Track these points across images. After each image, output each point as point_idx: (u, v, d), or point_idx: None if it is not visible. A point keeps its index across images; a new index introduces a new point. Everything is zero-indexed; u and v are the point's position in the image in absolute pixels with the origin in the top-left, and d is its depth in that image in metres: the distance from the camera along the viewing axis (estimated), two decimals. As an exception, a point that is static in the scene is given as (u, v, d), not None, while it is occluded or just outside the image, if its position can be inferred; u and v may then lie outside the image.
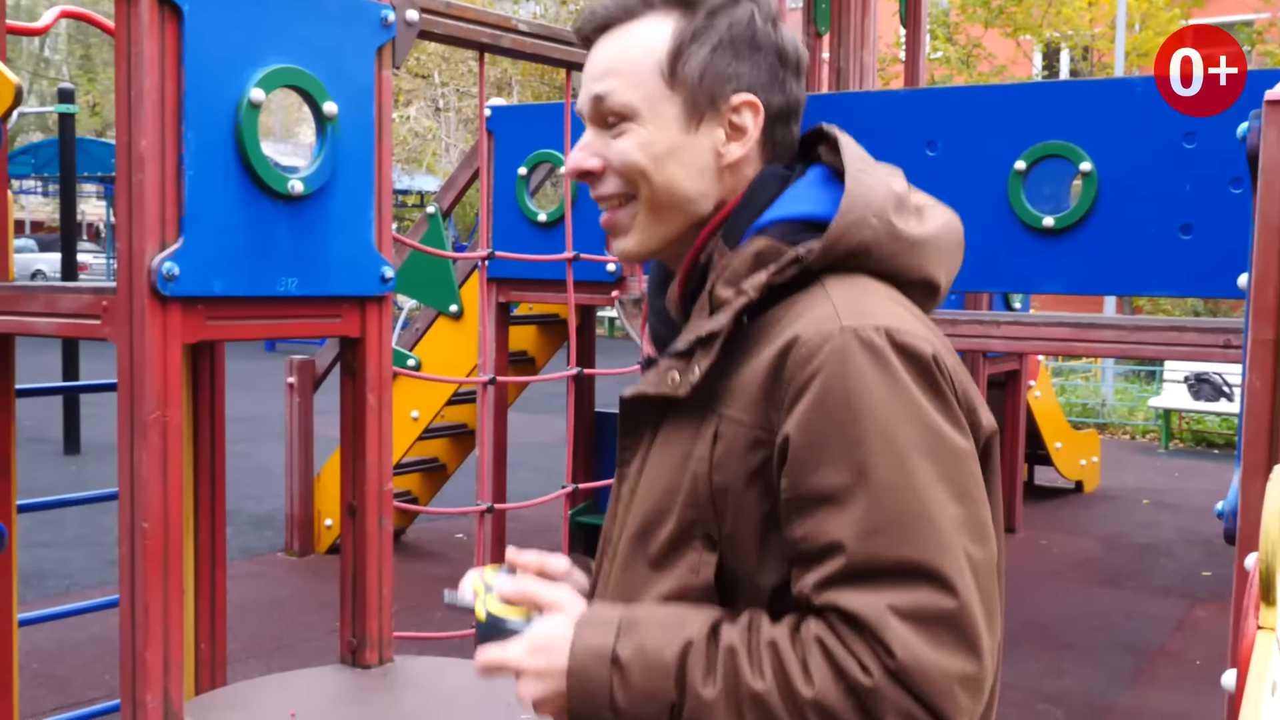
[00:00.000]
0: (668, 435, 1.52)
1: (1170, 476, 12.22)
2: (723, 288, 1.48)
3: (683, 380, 1.47)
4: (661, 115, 1.54)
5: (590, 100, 1.57)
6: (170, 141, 2.94)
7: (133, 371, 2.94)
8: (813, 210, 1.51)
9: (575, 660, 1.42)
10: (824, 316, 1.40)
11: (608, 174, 1.56)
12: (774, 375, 1.40)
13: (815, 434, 1.35)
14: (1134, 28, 21.79)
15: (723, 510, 1.44)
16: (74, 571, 7.54)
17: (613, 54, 1.56)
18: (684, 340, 1.48)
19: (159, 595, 2.94)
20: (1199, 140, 4.54)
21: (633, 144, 1.54)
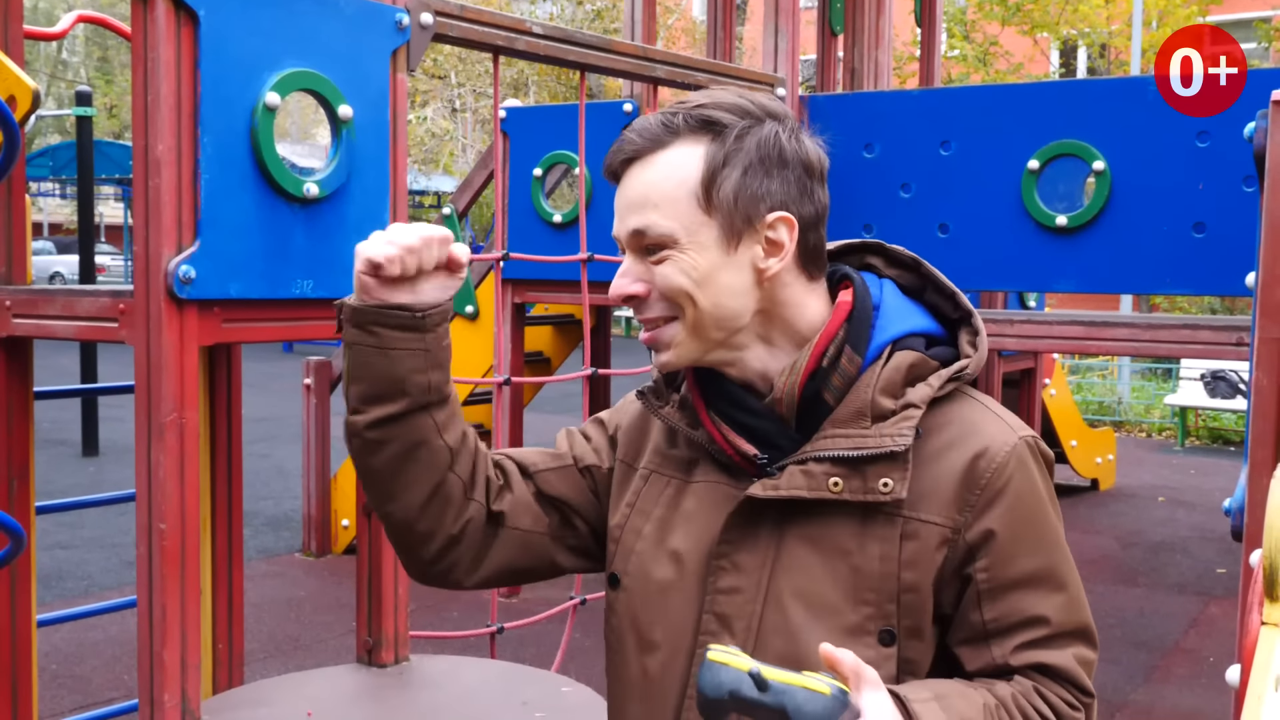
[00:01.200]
0: (811, 534, 1.60)
1: (1186, 474, 12.19)
2: (884, 398, 1.59)
3: (849, 489, 1.56)
4: (701, 241, 1.60)
5: (629, 233, 1.62)
6: (186, 145, 2.97)
7: (150, 374, 2.97)
8: (926, 327, 1.68)
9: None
10: (997, 428, 1.62)
11: (652, 298, 1.62)
12: (966, 481, 1.58)
13: (1014, 530, 1.58)
14: (1151, 25, 21.71)
15: (909, 606, 1.57)
16: (92, 573, 7.59)
17: (646, 185, 1.61)
18: (847, 448, 1.57)
19: (176, 596, 2.97)
20: (1212, 139, 4.54)
21: (676, 270, 1.60)
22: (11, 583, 3.52)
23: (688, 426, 1.71)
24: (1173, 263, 4.67)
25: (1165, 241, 4.67)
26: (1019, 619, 1.58)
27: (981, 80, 22.66)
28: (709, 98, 1.64)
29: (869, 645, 1.55)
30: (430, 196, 28.22)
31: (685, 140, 1.61)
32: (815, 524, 1.59)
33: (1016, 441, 1.60)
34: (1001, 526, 1.57)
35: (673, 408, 1.75)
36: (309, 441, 8.06)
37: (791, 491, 1.58)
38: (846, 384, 1.61)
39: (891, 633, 1.56)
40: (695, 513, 1.69)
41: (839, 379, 1.61)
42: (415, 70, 3.56)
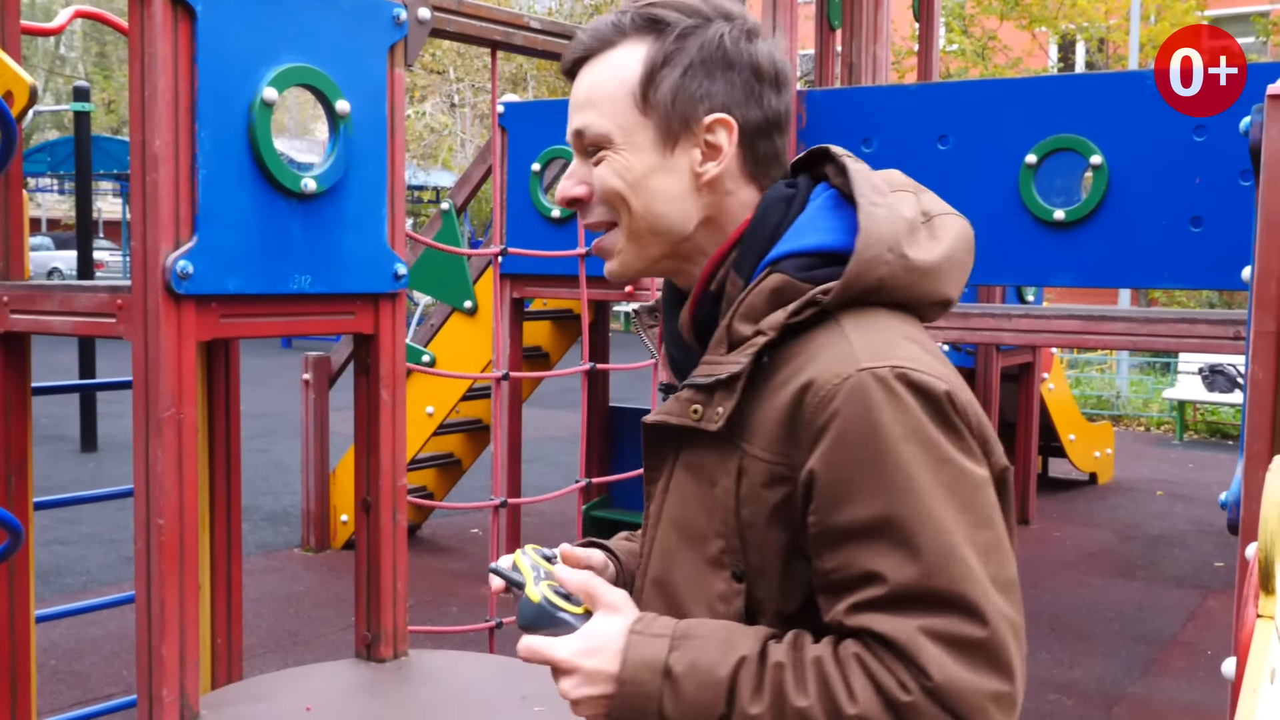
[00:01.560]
0: (691, 462, 1.55)
1: (1184, 468, 12.20)
2: (741, 323, 1.50)
3: (704, 417, 1.51)
4: (635, 141, 1.57)
5: (572, 134, 1.61)
6: (184, 141, 2.97)
7: (148, 369, 2.97)
8: (827, 242, 1.51)
9: (628, 668, 1.45)
10: (841, 357, 1.42)
11: (594, 201, 1.60)
12: (793, 414, 1.43)
13: (840, 471, 1.39)
14: (1149, 19, 21.72)
15: (750, 543, 1.48)
16: (91, 568, 7.59)
17: (589, 85, 1.59)
18: (703, 375, 1.51)
19: (175, 591, 2.97)
20: (1209, 133, 4.55)
21: (609, 171, 1.57)
22: (10, 578, 3.52)
23: (658, 347, 1.73)
24: (1170, 257, 4.67)
25: (1162, 235, 4.68)
26: (853, 573, 1.38)
27: (980, 75, 22.67)
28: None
29: (723, 578, 1.50)
30: (429, 192, 28.20)
31: (631, 40, 1.57)
32: (693, 451, 1.55)
33: (853, 373, 1.40)
34: (824, 467, 1.40)
35: (659, 328, 1.75)
36: (308, 437, 8.06)
37: (663, 417, 1.56)
38: (728, 309, 1.54)
39: (741, 571, 1.49)
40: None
41: (725, 303, 1.55)
42: (413, 65, 3.57)
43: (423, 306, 16.69)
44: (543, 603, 1.53)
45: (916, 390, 1.40)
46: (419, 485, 8.49)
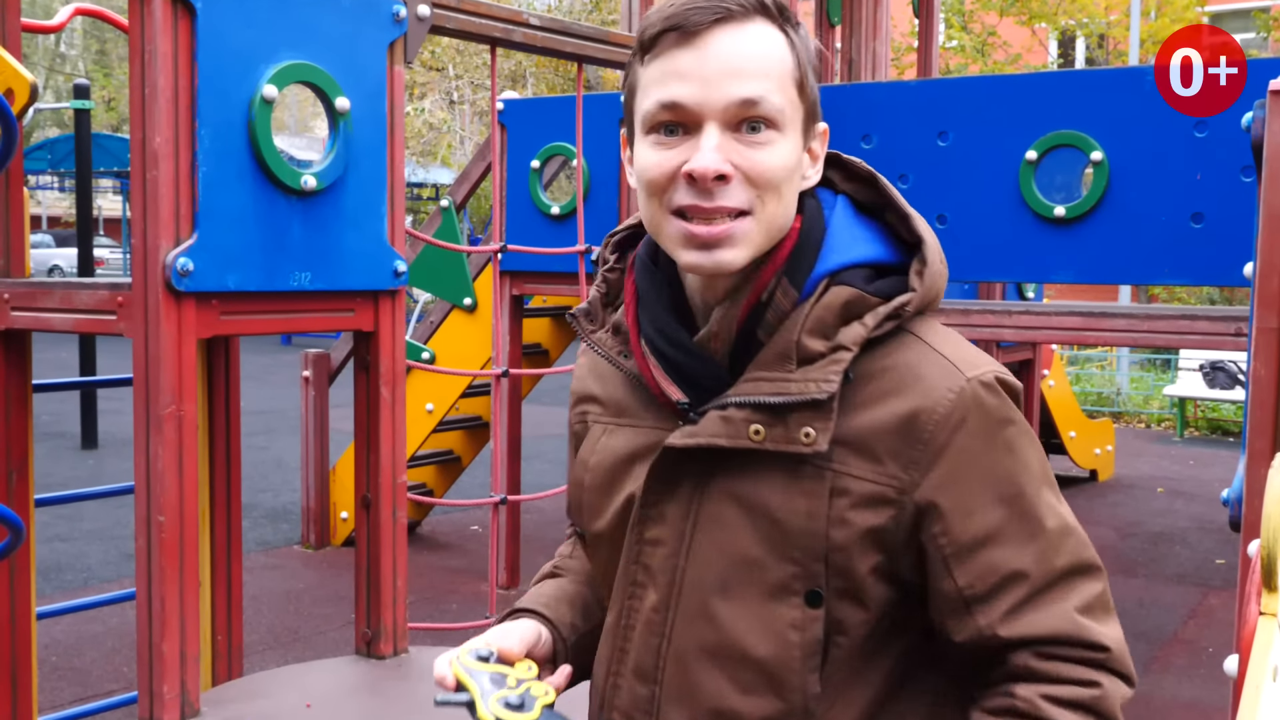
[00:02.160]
0: (737, 488, 1.48)
1: (1185, 464, 12.19)
2: (811, 339, 1.45)
3: (772, 438, 1.44)
4: (795, 129, 1.47)
5: (737, 101, 1.42)
6: (184, 138, 2.97)
7: (148, 366, 2.97)
8: (875, 254, 1.51)
9: None
10: (946, 372, 1.45)
11: (734, 183, 1.43)
12: (905, 435, 1.42)
13: (969, 483, 1.43)
14: (1149, 15, 21.70)
15: (835, 566, 1.44)
16: (92, 565, 7.59)
17: (751, 54, 1.44)
18: (771, 393, 1.44)
19: (175, 588, 2.97)
20: (1210, 129, 4.54)
21: (781, 154, 1.44)
22: (11, 575, 3.52)
23: (619, 355, 1.58)
24: (1171, 253, 4.67)
25: (1163, 232, 4.67)
26: (995, 579, 1.42)
27: (980, 71, 22.66)
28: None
29: (794, 605, 1.45)
30: (428, 189, 28.20)
31: (764, 19, 1.46)
32: (739, 475, 1.47)
33: (964, 385, 1.43)
34: (953, 483, 1.42)
35: (606, 332, 1.61)
36: (307, 434, 8.06)
37: (709, 440, 1.46)
38: (779, 321, 1.46)
39: (818, 593, 1.44)
40: (627, 458, 1.58)
41: (773, 315, 1.47)
42: (413, 62, 3.57)
43: (422, 303, 16.69)
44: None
45: (1010, 390, 1.47)
46: (419, 482, 8.49)
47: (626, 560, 1.56)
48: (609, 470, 1.60)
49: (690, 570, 1.50)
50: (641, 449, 1.56)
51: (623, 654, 1.56)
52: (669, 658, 1.51)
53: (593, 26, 4.48)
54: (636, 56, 1.50)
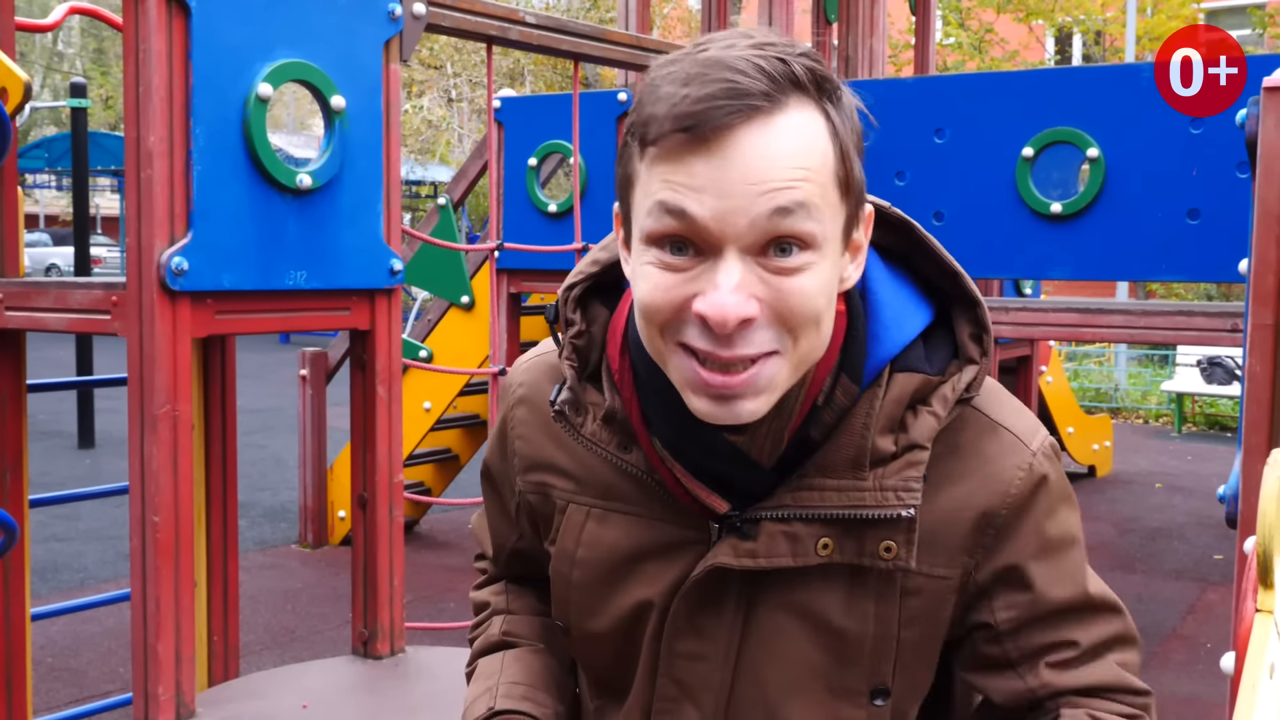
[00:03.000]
0: (795, 598, 1.35)
1: (1183, 460, 12.20)
2: (885, 439, 1.29)
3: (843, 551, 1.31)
4: (834, 242, 1.22)
5: (765, 221, 1.16)
6: (178, 137, 2.97)
7: (143, 366, 2.97)
8: (920, 322, 1.35)
9: None
10: (1013, 449, 1.37)
11: (759, 322, 1.18)
12: (979, 524, 1.35)
13: (1039, 555, 1.39)
14: (1145, 12, 21.69)
15: (906, 662, 1.39)
16: (88, 565, 7.58)
17: (782, 157, 1.16)
18: (841, 507, 1.30)
19: (170, 588, 2.97)
20: (1205, 125, 4.54)
21: (817, 285, 1.19)
22: (5, 576, 3.52)
23: (619, 449, 1.37)
24: (1167, 249, 4.67)
25: (1159, 228, 4.68)
26: (1045, 644, 1.40)
27: (977, 67, 22.67)
28: (776, 41, 1.21)
29: (859, 705, 1.37)
30: (426, 187, 28.20)
31: (802, 102, 1.19)
32: (795, 585, 1.34)
33: (1031, 462, 1.36)
34: (1017, 559, 1.36)
35: (596, 424, 1.39)
36: (305, 433, 8.06)
37: (772, 562, 1.31)
38: (837, 418, 1.30)
39: (886, 690, 1.37)
40: (629, 553, 1.40)
41: (830, 415, 1.30)
42: (409, 60, 3.56)
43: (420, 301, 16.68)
44: None
45: (1055, 454, 1.42)
46: (416, 481, 8.49)
47: (649, 670, 1.42)
48: (609, 568, 1.42)
49: (740, 686, 1.38)
50: (653, 547, 1.39)
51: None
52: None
53: (589, 24, 4.47)
54: (635, 140, 1.23)
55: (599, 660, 1.49)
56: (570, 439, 1.42)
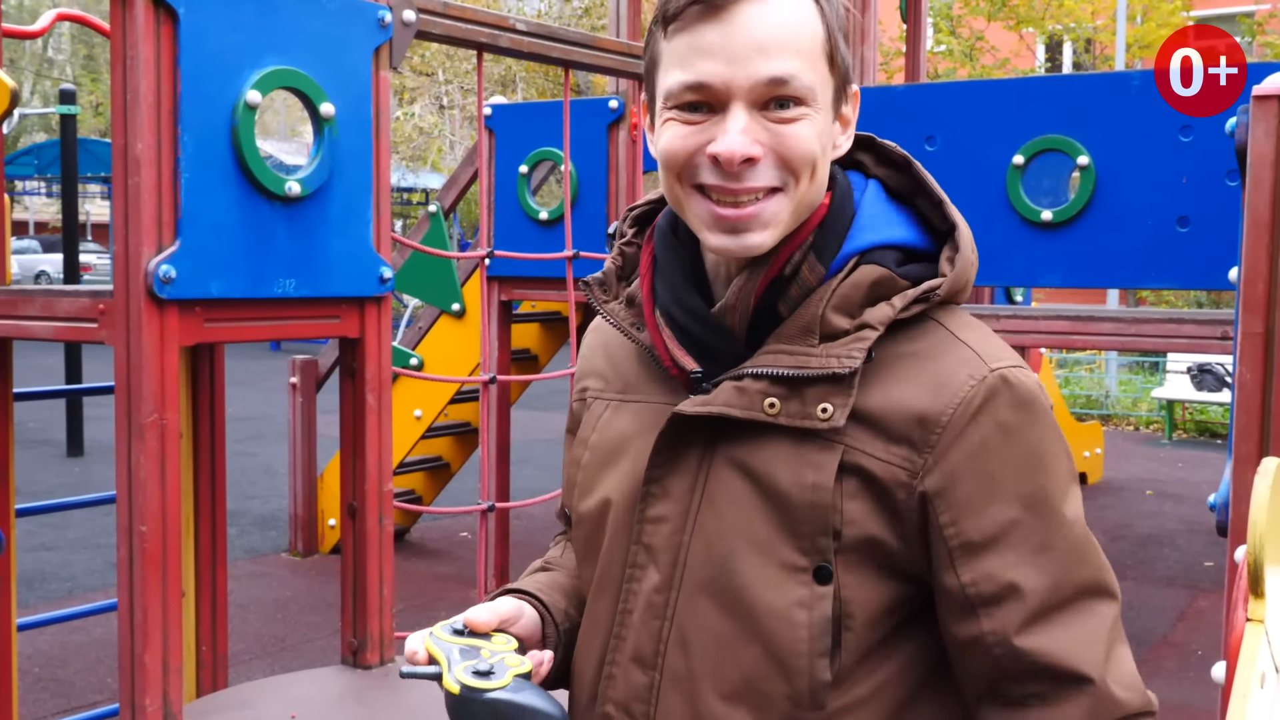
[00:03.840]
0: (747, 460, 1.43)
1: (1174, 467, 12.21)
2: (836, 315, 1.42)
3: (787, 412, 1.40)
4: (825, 103, 1.42)
5: (764, 80, 1.38)
6: (166, 144, 2.95)
7: (130, 374, 2.95)
8: (906, 238, 1.48)
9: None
10: (965, 360, 1.41)
11: (763, 163, 1.39)
12: (922, 418, 1.38)
13: (986, 477, 1.38)
14: (1135, 20, 21.75)
15: (848, 541, 1.39)
16: (76, 574, 7.56)
17: (778, 27, 1.38)
18: (789, 366, 1.41)
19: (158, 598, 2.95)
20: (1195, 133, 4.55)
21: (812, 132, 1.40)
22: (-7, 585, 3.50)
23: (631, 328, 1.55)
24: (1157, 257, 4.67)
25: (1150, 235, 4.68)
26: (998, 586, 1.37)
27: (968, 75, 22.71)
28: None
29: (802, 582, 1.39)
30: (418, 193, 28.20)
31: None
32: (747, 447, 1.43)
33: (987, 374, 1.39)
34: (964, 472, 1.38)
35: (620, 303, 1.58)
36: (295, 441, 8.04)
37: (721, 409, 1.42)
38: (803, 296, 1.44)
39: (828, 568, 1.39)
40: (630, 434, 1.54)
41: (796, 289, 1.44)
42: (399, 67, 3.55)
43: (412, 308, 16.67)
44: (462, 691, 1.38)
45: (1029, 391, 1.42)
46: (407, 489, 8.47)
47: (625, 541, 1.51)
48: (609, 447, 1.56)
49: (694, 546, 1.45)
50: (647, 424, 1.51)
51: (619, 641, 1.49)
52: (670, 641, 1.45)
53: (579, 31, 4.47)
54: (659, 26, 1.44)
55: (584, 544, 1.59)
56: (614, 343, 1.62)
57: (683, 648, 1.44)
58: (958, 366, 1.40)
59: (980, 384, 1.39)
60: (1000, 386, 1.39)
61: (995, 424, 1.38)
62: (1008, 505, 1.38)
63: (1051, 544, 1.39)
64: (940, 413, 1.38)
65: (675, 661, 1.44)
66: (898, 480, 1.39)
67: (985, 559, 1.38)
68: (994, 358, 1.42)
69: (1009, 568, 1.37)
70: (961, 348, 1.42)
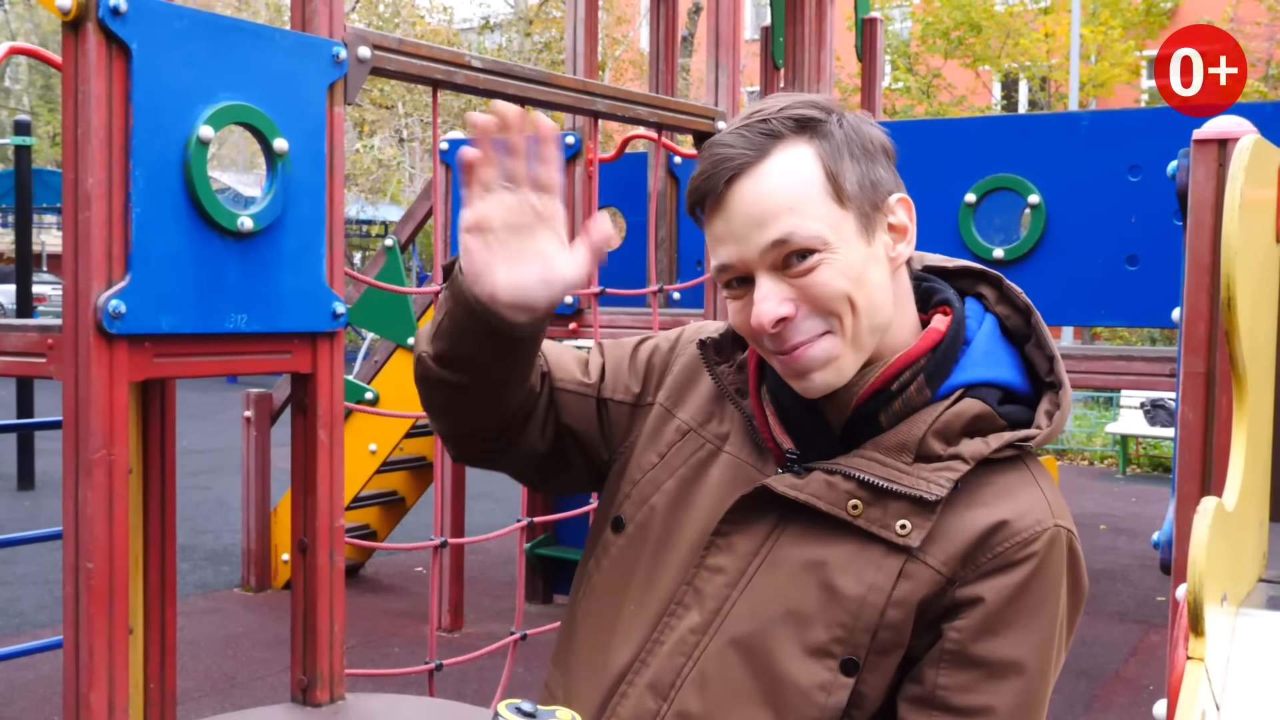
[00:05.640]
0: (811, 547, 1.52)
1: (1127, 502, 12.29)
2: (935, 440, 1.50)
3: (868, 517, 1.48)
4: (846, 237, 1.48)
5: (767, 246, 1.47)
6: (118, 179, 2.95)
7: (78, 410, 2.93)
8: (1011, 380, 1.56)
9: None
10: (1038, 504, 1.50)
11: (800, 316, 1.48)
12: (981, 540, 1.47)
13: (1011, 608, 1.46)
14: (1089, 59, 22.02)
15: (881, 643, 1.47)
16: (25, 610, 7.47)
17: (770, 195, 1.47)
18: (879, 476, 1.48)
19: (104, 636, 2.93)
20: (1143, 173, 4.61)
21: (833, 273, 1.47)
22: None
23: (736, 394, 1.64)
24: (1107, 295, 4.73)
25: (1099, 274, 4.73)
26: (970, 702, 1.45)
27: (925, 112, 22.90)
28: (778, 102, 1.54)
29: (829, 668, 1.48)
30: (377, 226, 28.13)
31: (787, 143, 1.49)
32: (818, 533, 1.51)
33: (1053, 526, 1.49)
34: (997, 598, 1.46)
35: (731, 368, 1.68)
36: (249, 475, 7.99)
37: (809, 498, 1.50)
38: (905, 412, 1.52)
39: (856, 663, 1.47)
40: (715, 484, 1.61)
41: (900, 405, 1.52)
42: (353, 103, 3.55)
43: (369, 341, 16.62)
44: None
45: (1076, 559, 1.53)
46: (361, 523, 8.42)
47: (677, 578, 1.58)
48: (688, 487, 1.64)
49: (741, 602, 1.53)
50: (729, 480, 1.60)
51: (642, 665, 1.57)
52: (688, 680, 1.53)
53: (535, 69, 4.48)
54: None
55: (644, 562, 1.64)
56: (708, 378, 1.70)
57: (699, 689, 1.52)
58: (1031, 508, 1.49)
59: (1042, 532, 1.48)
60: (1058, 541, 1.49)
61: (1042, 571, 1.47)
62: (1017, 644, 1.46)
63: (1032, 693, 1.47)
64: (1000, 541, 1.47)
65: (688, 700, 1.52)
66: (938, 584, 1.47)
67: (971, 676, 1.46)
68: (1061, 514, 1.52)
69: (987, 695, 1.45)
70: (1037, 495, 1.51)
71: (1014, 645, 1.45)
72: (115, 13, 2.88)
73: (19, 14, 35.26)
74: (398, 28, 26.06)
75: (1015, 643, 1.45)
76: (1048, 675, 1.48)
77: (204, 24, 3.11)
